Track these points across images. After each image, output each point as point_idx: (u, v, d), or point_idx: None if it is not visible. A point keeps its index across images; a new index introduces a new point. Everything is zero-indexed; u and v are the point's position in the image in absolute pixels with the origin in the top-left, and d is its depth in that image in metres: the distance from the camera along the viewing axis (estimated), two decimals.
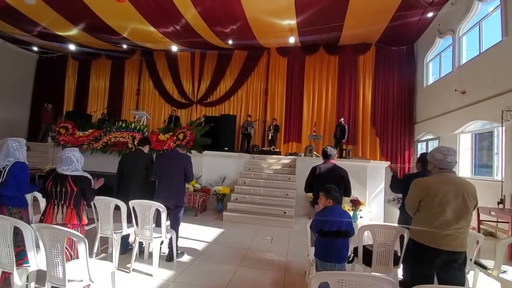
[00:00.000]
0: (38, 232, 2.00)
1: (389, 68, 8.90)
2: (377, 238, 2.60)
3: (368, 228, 2.64)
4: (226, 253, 3.91)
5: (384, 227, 2.67)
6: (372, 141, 8.76)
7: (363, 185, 6.33)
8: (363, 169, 6.40)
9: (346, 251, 2.36)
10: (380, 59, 8.97)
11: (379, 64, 8.96)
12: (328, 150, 3.23)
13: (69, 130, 7.32)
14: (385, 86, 8.86)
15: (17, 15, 7.67)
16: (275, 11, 7.01)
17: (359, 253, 2.69)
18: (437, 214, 1.94)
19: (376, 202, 6.44)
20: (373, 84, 8.99)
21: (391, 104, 8.73)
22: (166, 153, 3.87)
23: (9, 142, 2.57)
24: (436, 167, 2.06)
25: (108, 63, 11.25)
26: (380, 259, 2.59)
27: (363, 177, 6.34)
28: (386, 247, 2.60)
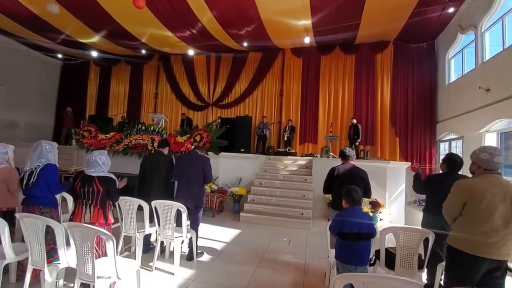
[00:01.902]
0: (69, 230, 2.10)
1: (408, 66, 8.63)
2: (400, 241, 2.54)
3: (390, 231, 2.58)
4: (244, 253, 3.93)
5: (408, 229, 2.60)
6: (392, 141, 8.52)
7: (383, 186, 6.17)
8: (382, 170, 6.24)
9: (367, 253, 2.32)
10: (398, 57, 8.72)
11: (398, 62, 8.71)
12: (346, 151, 3.19)
13: (92, 133, 7.64)
14: (405, 85, 8.60)
15: (42, 24, 8.07)
16: (290, 11, 6.98)
17: (381, 256, 2.63)
18: (483, 219, 1.80)
19: (397, 204, 6.26)
20: (391, 82, 8.75)
21: (411, 103, 8.46)
22: (186, 155, 3.95)
23: (43, 144, 2.72)
24: (480, 168, 1.92)
25: (127, 68, 11.63)
26: (404, 262, 2.52)
27: (382, 178, 6.18)
28: (410, 250, 2.53)
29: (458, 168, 2.77)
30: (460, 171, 2.82)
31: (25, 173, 2.63)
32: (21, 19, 7.87)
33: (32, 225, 2.24)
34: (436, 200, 2.40)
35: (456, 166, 2.76)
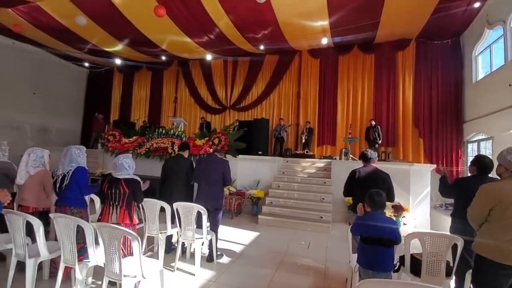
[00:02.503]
0: (98, 230, 2.21)
1: (432, 64, 8.29)
2: (426, 246, 2.44)
3: (416, 236, 2.49)
4: (263, 256, 3.94)
5: (435, 235, 2.49)
6: (415, 143, 8.19)
7: (406, 190, 5.95)
8: (405, 172, 6.02)
9: (390, 259, 2.25)
10: (421, 55, 8.40)
11: (421, 60, 8.39)
12: (368, 153, 3.11)
13: (116, 137, 7.98)
14: (428, 83, 8.25)
15: (71, 35, 8.59)
16: (307, 13, 6.95)
17: (406, 262, 2.54)
18: (510, 226, 1.71)
19: (421, 208, 6.01)
20: (414, 81, 8.43)
21: (436, 103, 8.09)
22: (206, 158, 4.03)
23: (72, 149, 2.89)
24: (508, 170, 1.83)
25: (148, 74, 12.06)
26: (430, 269, 2.41)
27: (406, 181, 5.96)
28: (437, 257, 2.42)
29: (489, 170, 2.63)
30: (491, 173, 2.67)
31: (58, 177, 2.81)
32: (52, 31, 8.42)
33: (64, 224, 2.38)
34: (465, 204, 2.29)
35: (486, 169, 2.62)
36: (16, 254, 2.56)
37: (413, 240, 2.49)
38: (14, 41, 9.48)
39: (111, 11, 7.13)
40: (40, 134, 10.75)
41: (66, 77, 11.82)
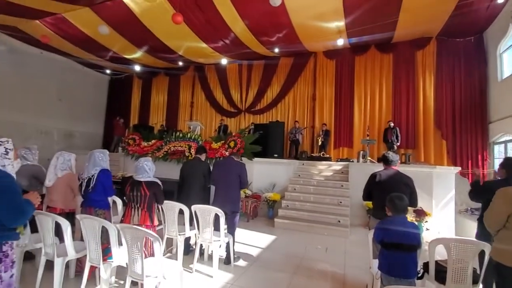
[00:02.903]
0: (121, 231, 2.29)
1: (454, 62, 7.96)
2: (452, 253, 2.33)
3: (441, 242, 2.39)
4: (280, 260, 3.91)
5: (461, 241, 2.38)
6: (437, 144, 7.87)
7: (429, 193, 5.72)
8: (428, 175, 5.80)
9: (413, 265, 2.18)
10: (442, 53, 8.10)
11: (442, 59, 8.08)
12: (389, 156, 3.01)
13: (136, 141, 8.24)
14: (451, 83, 7.93)
15: (94, 44, 9.02)
16: (322, 14, 6.90)
17: (430, 269, 2.44)
18: None
19: (445, 213, 5.76)
20: (435, 81, 8.13)
21: (459, 102, 7.76)
22: (222, 161, 4.08)
23: (95, 153, 3.02)
24: None
25: (166, 79, 12.40)
26: (456, 276, 2.31)
27: (428, 184, 5.74)
28: (463, 264, 2.31)
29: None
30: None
31: (83, 180, 2.94)
32: (77, 41, 8.87)
33: (90, 225, 2.49)
34: None
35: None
36: (46, 253, 2.70)
37: (438, 246, 2.40)
38: (42, 51, 10.07)
39: (132, 20, 7.43)
40: (65, 138, 11.30)
41: (89, 83, 12.39)
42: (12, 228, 1.53)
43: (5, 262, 1.51)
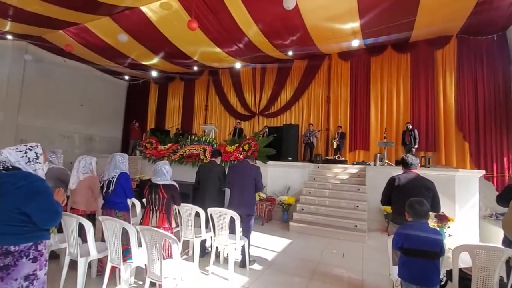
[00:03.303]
0: (141, 233, 2.35)
1: (476, 61, 7.64)
2: (477, 260, 2.23)
3: (465, 249, 2.29)
4: (295, 264, 3.87)
5: (487, 248, 2.27)
6: (459, 147, 7.55)
7: (451, 198, 5.49)
8: (450, 179, 5.58)
9: (435, 273, 2.10)
10: (463, 52, 7.79)
11: (463, 58, 7.78)
12: (409, 159, 2.91)
13: (153, 144, 8.46)
14: (473, 82, 7.61)
15: (113, 52, 9.39)
16: (337, 16, 6.84)
17: (453, 277, 2.34)
18: None
19: (469, 218, 5.50)
20: (456, 81, 7.83)
21: (482, 102, 7.42)
22: (237, 164, 4.10)
23: (116, 156, 3.13)
24: None
25: (181, 84, 12.68)
26: (481, 285, 2.20)
27: (450, 188, 5.52)
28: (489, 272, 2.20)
29: None
30: None
31: (104, 182, 3.05)
32: (97, 49, 9.27)
33: (111, 227, 2.58)
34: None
35: None
36: (70, 252, 2.81)
37: (462, 253, 2.30)
38: (65, 59, 10.58)
39: (149, 28, 7.68)
40: (86, 142, 11.77)
41: (108, 89, 12.88)
42: (45, 228, 1.61)
43: (40, 261, 1.60)
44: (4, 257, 1.49)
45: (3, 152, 1.60)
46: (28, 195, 1.51)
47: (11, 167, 1.58)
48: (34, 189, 1.54)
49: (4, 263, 1.49)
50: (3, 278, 1.48)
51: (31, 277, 1.55)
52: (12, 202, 1.50)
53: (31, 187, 1.54)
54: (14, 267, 1.50)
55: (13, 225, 1.51)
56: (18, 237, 1.53)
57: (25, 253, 1.54)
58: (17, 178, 1.54)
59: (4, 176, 1.53)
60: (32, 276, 1.55)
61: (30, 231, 1.56)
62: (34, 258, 1.56)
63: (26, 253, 1.54)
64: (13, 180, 1.52)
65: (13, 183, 1.51)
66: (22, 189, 1.51)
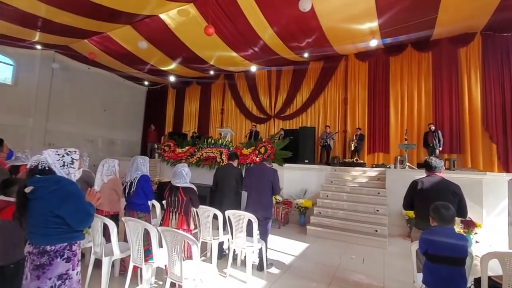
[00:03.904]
0: (162, 234, 2.42)
1: (502, 58, 7.24)
2: (507, 268, 2.10)
3: (495, 256, 2.16)
4: (313, 269, 3.82)
5: None
6: (486, 148, 7.16)
7: (478, 202, 5.22)
8: (477, 183, 5.30)
9: (462, 280, 2.00)
10: (488, 49, 7.42)
11: (488, 55, 7.40)
12: (432, 162, 2.80)
13: (171, 147, 8.66)
14: (499, 81, 7.21)
15: (133, 58, 9.75)
16: (353, 16, 6.74)
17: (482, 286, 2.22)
18: None
19: (497, 224, 5.20)
20: (481, 79, 7.46)
21: (509, 101, 6.99)
22: (255, 167, 4.13)
23: (138, 159, 3.24)
24: None
25: (198, 88, 12.94)
26: None
27: (477, 192, 5.24)
28: None
29: None
30: None
31: (126, 184, 3.16)
32: (119, 56, 9.67)
33: (134, 227, 2.66)
34: None
35: None
36: (95, 252, 2.93)
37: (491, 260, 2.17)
38: (89, 67, 11.11)
39: (167, 34, 7.93)
40: (108, 146, 12.26)
41: (128, 95, 13.37)
42: (79, 229, 1.70)
43: (73, 261, 1.68)
44: (40, 256, 1.58)
45: (44, 153, 1.70)
46: (61, 198, 1.59)
47: (47, 168, 1.67)
48: (66, 192, 1.62)
49: (40, 262, 1.57)
50: (39, 276, 1.57)
51: (64, 277, 1.63)
52: (46, 205, 1.58)
53: (63, 191, 1.62)
54: (49, 266, 1.58)
55: (48, 226, 1.60)
56: (54, 237, 1.61)
57: (60, 253, 1.62)
58: (50, 182, 1.62)
59: (38, 181, 1.62)
60: (65, 276, 1.63)
61: (64, 232, 1.64)
62: (68, 258, 1.64)
63: (61, 253, 1.62)
64: (47, 185, 1.61)
65: (47, 187, 1.60)
66: (55, 193, 1.59)
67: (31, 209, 1.60)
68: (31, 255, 1.60)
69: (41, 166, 1.66)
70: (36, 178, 1.63)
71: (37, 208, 1.59)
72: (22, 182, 1.64)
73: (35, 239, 1.61)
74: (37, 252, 1.59)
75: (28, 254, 1.61)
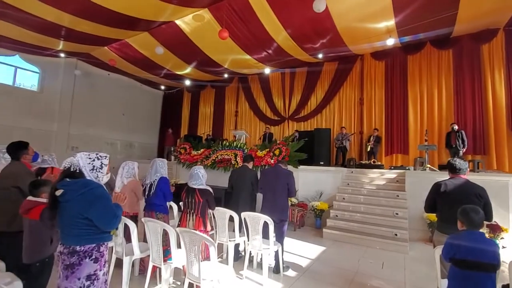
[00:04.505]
0: (180, 235, 2.46)
1: None
2: None
3: None
4: (331, 273, 3.75)
5: None
6: None
7: (504, 206, 4.95)
8: (503, 185, 5.03)
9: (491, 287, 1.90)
10: None
11: None
12: (456, 163, 2.68)
13: (187, 150, 8.81)
14: None
15: (150, 63, 10.04)
16: (369, 16, 6.61)
17: None
18: None
19: None
20: (506, 77, 7.08)
21: None
22: (270, 169, 4.11)
23: (157, 161, 3.32)
24: None
25: (212, 92, 13.12)
26: None
27: (503, 196, 4.97)
28: None
29: None
30: None
31: (146, 186, 3.25)
32: (137, 61, 9.98)
33: (153, 228, 2.72)
34: None
35: None
36: (116, 251, 3.02)
37: None
38: (109, 73, 11.53)
39: (183, 39, 8.10)
40: (127, 148, 12.64)
41: (146, 99, 13.76)
42: (107, 231, 1.76)
43: (101, 262, 1.74)
44: (70, 256, 1.65)
45: (77, 155, 1.79)
46: (89, 201, 1.66)
47: (78, 170, 1.75)
48: (93, 196, 1.69)
49: (70, 261, 1.64)
50: (67, 276, 1.63)
51: (92, 277, 1.68)
52: (75, 208, 1.65)
53: (91, 194, 1.68)
54: (78, 266, 1.64)
55: (79, 228, 1.66)
56: (83, 238, 1.68)
57: (88, 254, 1.68)
58: (79, 185, 1.70)
59: (67, 184, 1.70)
60: (93, 276, 1.69)
61: (93, 233, 1.70)
62: (95, 259, 1.70)
63: (89, 254, 1.68)
64: (76, 188, 1.68)
65: (76, 190, 1.67)
66: (84, 196, 1.66)
67: (62, 211, 1.67)
68: (62, 255, 1.67)
69: (73, 168, 1.74)
70: (65, 181, 1.71)
71: (67, 210, 1.66)
72: (53, 184, 1.72)
73: (67, 240, 1.68)
74: (68, 252, 1.65)
75: (60, 254, 1.69)
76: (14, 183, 2.57)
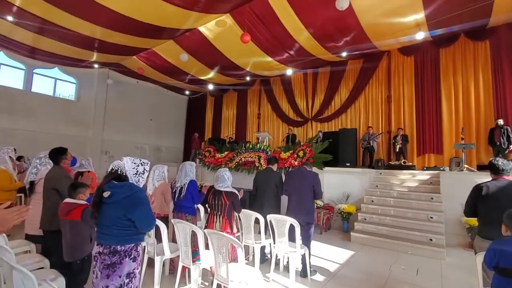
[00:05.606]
0: (208, 236, 2.51)
1: None
2: None
3: None
4: (360, 279, 3.61)
5: None
6: None
7: None
8: None
9: None
10: None
11: None
12: (499, 163, 2.47)
13: (211, 153, 8.99)
14: None
15: (175, 70, 10.42)
16: (396, 10, 6.32)
17: None
18: None
19: None
20: None
21: None
22: (295, 171, 4.07)
23: (186, 165, 3.43)
24: None
25: (234, 95, 13.30)
26: None
27: None
28: None
29: None
30: None
31: (176, 189, 3.36)
32: (163, 69, 10.41)
33: (182, 229, 2.81)
34: None
35: None
36: (148, 251, 3.15)
37: None
38: (138, 81, 12.13)
39: (206, 45, 8.33)
40: (155, 152, 13.18)
41: (172, 104, 14.30)
42: (144, 232, 1.85)
43: (137, 261, 1.84)
44: (112, 255, 1.74)
45: (123, 159, 1.91)
46: (133, 204, 1.75)
47: (124, 173, 1.87)
48: (138, 199, 1.78)
49: (112, 260, 1.73)
50: (109, 275, 1.73)
51: (131, 275, 1.78)
52: (120, 209, 1.75)
53: (136, 198, 1.78)
54: (119, 265, 1.74)
55: (121, 228, 1.76)
56: (124, 238, 1.77)
57: (128, 253, 1.77)
58: (125, 188, 1.80)
59: (114, 187, 1.81)
60: (132, 274, 1.78)
61: (132, 234, 1.80)
62: (134, 258, 1.80)
63: (129, 253, 1.77)
64: (122, 190, 1.78)
65: (122, 193, 1.77)
66: (129, 199, 1.76)
67: (105, 211, 1.77)
68: (101, 255, 1.75)
69: (120, 171, 1.85)
70: (112, 183, 1.82)
71: (111, 211, 1.76)
72: (99, 186, 1.83)
73: (106, 239, 1.77)
74: (108, 252, 1.74)
75: (98, 255, 1.77)
76: (53, 186, 2.84)
